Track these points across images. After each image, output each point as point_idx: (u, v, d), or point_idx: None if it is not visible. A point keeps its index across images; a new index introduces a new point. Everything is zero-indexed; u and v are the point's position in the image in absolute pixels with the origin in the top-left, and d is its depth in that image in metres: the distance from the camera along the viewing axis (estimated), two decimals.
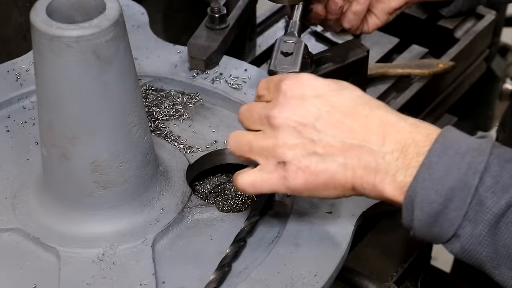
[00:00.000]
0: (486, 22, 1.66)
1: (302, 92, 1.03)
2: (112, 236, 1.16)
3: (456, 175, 0.94)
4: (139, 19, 1.54)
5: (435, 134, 0.97)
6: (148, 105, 1.39)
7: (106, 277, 1.12)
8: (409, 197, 0.96)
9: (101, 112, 1.10)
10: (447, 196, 0.94)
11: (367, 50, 1.43)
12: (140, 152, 1.16)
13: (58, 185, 1.17)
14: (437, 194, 0.94)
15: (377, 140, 0.98)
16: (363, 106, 1.02)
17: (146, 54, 1.47)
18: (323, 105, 1.02)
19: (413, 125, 0.99)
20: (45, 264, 1.15)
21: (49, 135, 1.13)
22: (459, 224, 0.94)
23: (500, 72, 1.94)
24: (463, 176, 0.93)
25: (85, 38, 1.03)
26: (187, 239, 1.19)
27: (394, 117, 1.01)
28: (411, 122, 1.00)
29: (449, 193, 0.94)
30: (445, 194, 0.94)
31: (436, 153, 0.95)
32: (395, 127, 0.99)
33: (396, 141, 0.98)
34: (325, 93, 1.03)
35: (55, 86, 1.08)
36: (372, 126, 1.00)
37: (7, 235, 1.18)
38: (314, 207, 1.19)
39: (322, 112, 1.02)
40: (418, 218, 0.96)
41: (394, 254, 1.57)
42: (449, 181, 0.94)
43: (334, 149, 1.00)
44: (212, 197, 1.33)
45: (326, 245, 1.14)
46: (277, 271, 1.11)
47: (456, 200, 0.94)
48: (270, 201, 1.21)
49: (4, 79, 1.41)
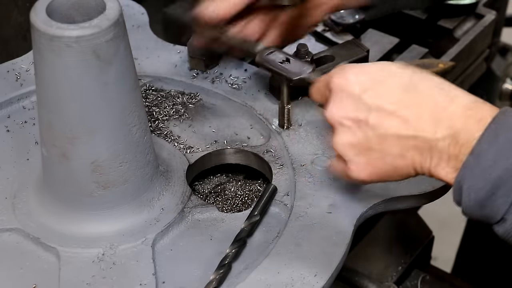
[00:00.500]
0: (486, 22, 1.66)
1: (350, 90, 1.05)
2: (112, 236, 1.16)
3: (504, 165, 0.95)
4: (139, 19, 1.54)
5: (489, 118, 0.97)
6: (148, 105, 1.39)
7: (106, 277, 1.12)
8: (458, 183, 0.99)
9: (101, 112, 1.10)
10: (495, 184, 0.96)
11: (367, 50, 1.43)
12: (140, 152, 1.16)
13: (58, 185, 1.17)
14: (485, 181, 0.96)
15: (430, 128, 1.00)
16: (412, 93, 1.02)
17: (146, 54, 1.47)
18: (373, 98, 1.03)
19: (466, 107, 0.99)
20: (45, 264, 1.15)
21: (49, 135, 1.13)
22: (506, 209, 0.96)
23: (500, 72, 1.94)
24: (511, 166, 0.95)
25: (85, 38, 1.03)
26: (187, 239, 1.19)
27: (446, 100, 1.00)
28: (464, 104, 1.00)
29: (497, 181, 0.95)
30: (492, 182, 0.96)
31: (487, 140, 0.96)
32: (447, 112, 0.99)
33: (448, 127, 0.99)
34: (372, 87, 1.04)
35: (55, 86, 1.08)
36: (423, 114, 1.01)
37: (7, 235, 1.18)
38: (314, 207, 1.19)
39: (372, 107, 1.03)
40: (466, 203, 0.99)
41: (394, 254, 1.57)
42: (497, 170, 0.95)
43: (389, 142, 1.03)
44: (212, 197, 1.33)
45: (326, 245, 1.14)
46: (277, 271, 1.11)
47: (504, 188, 0.95)
48: (270, 201, 1.21)
49: (4, 79, 1.41)
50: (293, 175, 1.25)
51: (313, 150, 1.29)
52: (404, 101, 1.02)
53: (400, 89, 1.03)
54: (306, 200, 1.20)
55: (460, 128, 0.99)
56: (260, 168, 1.32)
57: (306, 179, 1.24)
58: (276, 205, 1.22)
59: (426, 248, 1.63)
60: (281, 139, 1.31)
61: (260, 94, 1.40)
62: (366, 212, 1.20)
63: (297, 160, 1.27)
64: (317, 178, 1.24)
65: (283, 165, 1.28)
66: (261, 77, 1.42)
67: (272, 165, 1.28)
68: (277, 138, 1.32)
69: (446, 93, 1.01)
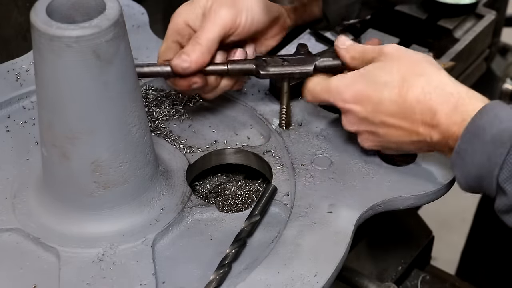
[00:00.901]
0: (486, 22, 1.66)
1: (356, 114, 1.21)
2: (112, 236, 1.16)
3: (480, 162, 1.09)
4: (139, 19, 1.54)
5: (468, 119, 1.11)
6: (148, 105, 1.39)
7: (106, 277, 1.12)
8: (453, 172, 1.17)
9: (101, 112, 1.10)
10: (478, 180, 1.10)
11: None
12: (140, 152, 1.16)
13: (58, 185, 1.17)
14: (470, 178, 1.11)
15: (425, 133, 1.16)
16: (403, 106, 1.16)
17: (146, 54, 1.47)
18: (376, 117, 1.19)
19: (452, 111, 1.13)
20: (45, 264, 1.15)
21: (49, 135, 1.13)
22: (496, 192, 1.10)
23: (500, 72, 1.94)
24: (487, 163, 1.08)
25: (85, 38, 1.03)
26: (187, 239, 1.19)
27: (436, 104, 1.14)
28: (451, 108, 1.13)
29: (478, 179, 1.10)
30: (474, 178, 1.11)
31: (464, 140, 1.10)
32: (435, 119, 1.14)
33: (440, 132, 1.14)
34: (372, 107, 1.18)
35: (55, 86, 1.08)
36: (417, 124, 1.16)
37: (7, 235, 1.18)
38: (314, 207, 1.19)
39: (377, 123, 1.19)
40: (462, 187, 1.15)
41: (394, 254, 1.56)
42: (474, 168, 1.10)
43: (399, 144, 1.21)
44: (212, 197, 1.33)
45: (326, 245, 1.14)
46: (277, 271, 1.11)
47: (486, 181, 1.10)
48: (270, 201, 1.21)
49: (4, 79, 1.41)
50: (293, 175, 1.25)
51: (313, 150, 1.29)
52: (399, 114, 1.17)
53: (393, 103, 1.17)
54: (306, 200, 1.20)
55: (449, 134, 1.13)
56: (260, 168, 1.32)
57: (306, 179, 1.24)
58: (276, 205, 1.22)
59: (426, 248, 1.63)
60: (281, 139, 1.31)
61: (260, 94, 1.40)
62: (366, 212, 1.20)
63: (297, 160, 1.27)
64: (317, 178, 1.24)
65: (283, 165, 1.28)
66: None
67: (272, 165, 1.28)
68: (277, 138, 1.32)
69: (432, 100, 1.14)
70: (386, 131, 1.19)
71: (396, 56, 1.19)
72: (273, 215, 1.21)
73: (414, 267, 1.58)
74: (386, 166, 1.26)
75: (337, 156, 1.28)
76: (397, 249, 1.58)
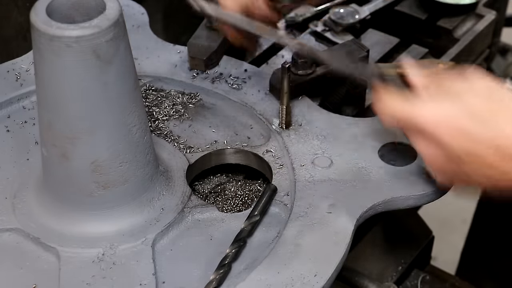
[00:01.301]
0: (486, 22, 1.66)
1: (438, 143, 1.12)
2: (112, 236, 1.16)
3: None
4: (139, 19, 1.54)
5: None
6: (148, 105, 1.39)
7: (106, 277, 1.12)
8: None
9: (101, 112, 1.10)
10: None
11: (367, 50, 1.43)
12: (140, 152, 1.17)
13: (58, 185, 1.17)
14: None
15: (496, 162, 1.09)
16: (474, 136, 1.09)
17: (146, 54, 1.47)
18: (462, 148, 1.11)
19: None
20: (45, 264, 1.15)
21: (49, 135, 1.13)
22: None
23: (500, 72, 1.94)
24: None
25: (85, 38, 1.03)
26: (187, 239, 1.19)
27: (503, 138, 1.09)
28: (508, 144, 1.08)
29: None
30: None
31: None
32: (507, 150, 1.09)
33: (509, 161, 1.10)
34: (458, 134, 1.10)
35: (55, 86, 1.08)
36: (489, 156, 1.09)
37: (7, 235, 1.18)
38: (314, 207, 1.19)
39: (463, 156, 1.11)
40: None
41: (394, 254, 1.57)
42: None
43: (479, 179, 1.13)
44: (212, 197, 1.33)
45: (326, 245, 1.14)
46: (277, 271, 1.11)
47: None
48: (270, 201, 1.21)
49: (4, 79, 1.41)
50: (293, 175, 1.25)
51: (313, 150, 1.29)
52: (469, 152, 1.10)
53: (479, 134, 1.09)
54: (306, 200, 1.20)
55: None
56: (260, 168, 1.32)
57: (306, 179, 1.24)
58: (276, 205, 1.22)
59: (426, 248, 1.63)
60: (281, 139, 1.31)
61: (260, 94, 1.40)
62: (366, 212, 1.20)
63: (297, 160, 1.27)
64: (317, 178, 1.24)
65: (283, 165, 1.28)
66: (261, 77, 1.42)
67: (272, 165, 1.28)
68: (277, 138, 1.32)
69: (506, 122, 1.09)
70: (471, 168, 1.13)
71: None
72: (273, 215, 1.22)
73: (414, 267, 1.58)
74: (386, 166, 1.26)
75: (337, 156, 1.28)
76: (397, 249, 1.58)
